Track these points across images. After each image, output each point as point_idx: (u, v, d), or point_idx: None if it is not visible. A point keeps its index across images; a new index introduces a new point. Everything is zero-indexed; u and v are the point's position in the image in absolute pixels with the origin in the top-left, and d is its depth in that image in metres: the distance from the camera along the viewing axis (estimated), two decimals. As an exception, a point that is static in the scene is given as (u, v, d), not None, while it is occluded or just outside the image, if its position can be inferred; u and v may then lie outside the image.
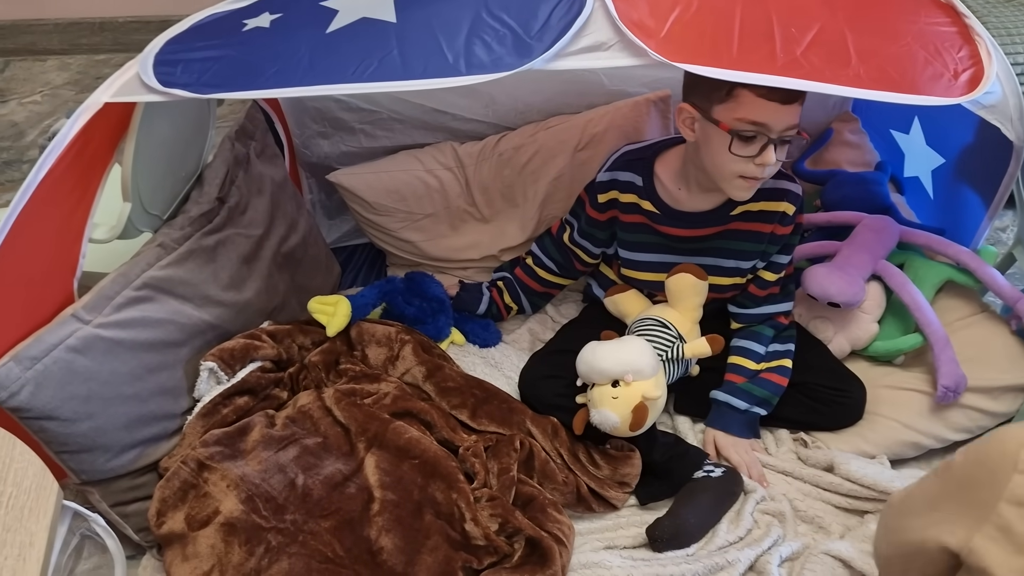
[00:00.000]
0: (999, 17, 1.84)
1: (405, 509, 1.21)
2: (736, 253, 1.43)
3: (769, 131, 1.21)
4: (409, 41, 1.15)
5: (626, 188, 1.43)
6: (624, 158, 1.44)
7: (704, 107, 1.24)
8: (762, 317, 1.47)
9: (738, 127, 1.21)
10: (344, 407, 1.33)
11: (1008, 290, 1.47)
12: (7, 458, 0.89)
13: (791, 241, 1.44)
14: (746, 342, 1.47)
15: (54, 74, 2.78)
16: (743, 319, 1.49)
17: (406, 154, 1.77)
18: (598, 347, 1.36)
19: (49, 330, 1.14)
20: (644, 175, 1.41)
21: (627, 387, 1.31)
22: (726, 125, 1.22)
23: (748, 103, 1.19)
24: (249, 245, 1.47)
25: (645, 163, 1.41)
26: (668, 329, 1.43)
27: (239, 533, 1.16)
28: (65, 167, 1.15)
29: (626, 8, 1.13)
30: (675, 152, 1.40)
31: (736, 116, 1.21)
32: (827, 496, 1.37)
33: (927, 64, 1.22)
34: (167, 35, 1.20)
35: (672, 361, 1.40)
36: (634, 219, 1.44)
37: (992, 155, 1.45)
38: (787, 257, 1.45)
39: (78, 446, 1.16)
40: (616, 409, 1.31)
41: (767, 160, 1.23)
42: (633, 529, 1.33)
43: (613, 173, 1.44)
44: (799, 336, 1.52)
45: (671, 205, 1.41)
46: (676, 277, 1.43)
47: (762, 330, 1.47)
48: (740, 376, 1.45)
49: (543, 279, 1.62)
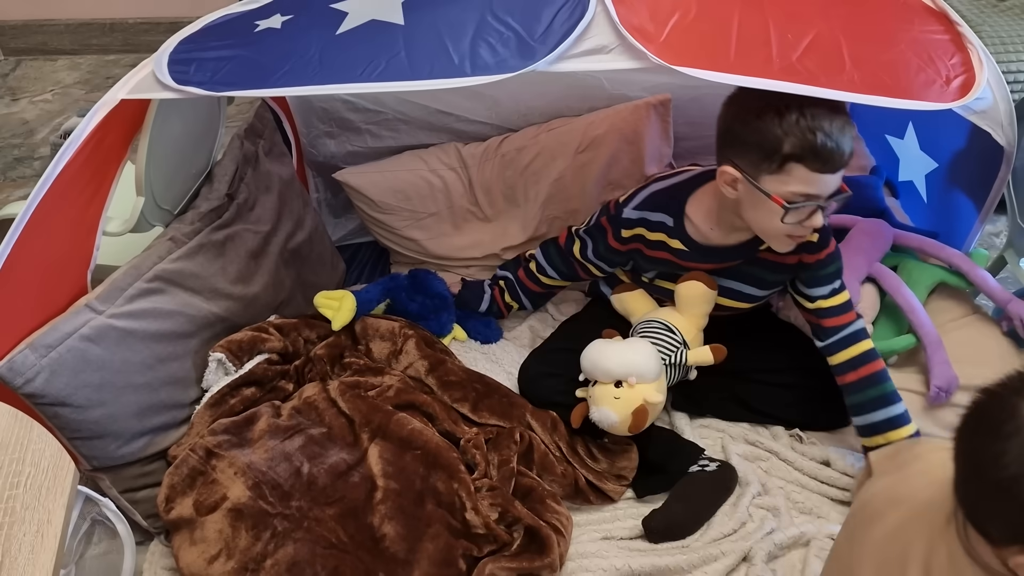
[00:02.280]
0: (993, 26, 1.87)
1: (407, 498, 1.24)
2: (756, 280, 1.42)
3: (819, 199, 1.21)
4: (416, 43, 1.18)
5: (655, 228, 1.39)
6: (655, 198, 1.40)
7: (751, 173, 1.21)
8: (851, 338, 1.37)
9: (790, 199, 1.19)
10: (348, 399, 1.36)
11: (999, 292, 1.50)
12: (25, 439, 0.92)
13: (824, 272, 1.36)
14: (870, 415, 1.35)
15: (64, 73, 2.81)
16: (835, 348, 1.37)
17: (411, 154, 1.81)
18: (605, 346, 1.38)
19: (64, 319, 1.18)
20: (675, 216, 1.37)
21: (630, 389, 1.34)
22: (779, 199, 1.19)
23: (800, 177, 1.17)
24: (257, 241, 1.50)
25: (677, 204, 1.37)
26: (674, 334, 1.44)
27: (246, 519, 1.19)
28: (82, 162, 1.18)
29: (627, 13, 1.16)
30: (708, 193, 1.36)
31: (788, 189, 1.19)
32: (824, 488, 1.40)
33: (920, 70, 1.25)
34: (181, 35, 1.24)
35: (674, 366, 1.42)
36: (659, 255, 1.42)
37: (983, 160, 1.48)
38: (824, 288, 1.37)
39: (90, 432, 1.20)
40: (617, 409, 1.33)
41: (816, 223, 1.23)
42: (630, 521, 1.36)
43: (643, 212, 1.40)
44: (793, 338, 1.55)
45: (700, 242, 1.38)
46: (687, 284, 1.43)
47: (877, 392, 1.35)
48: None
49: (545, 284, 1.63)
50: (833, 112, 1.16)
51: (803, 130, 1.15)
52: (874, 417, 1.34)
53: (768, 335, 1.50)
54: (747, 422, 1.52)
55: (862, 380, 1.35)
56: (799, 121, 1.15)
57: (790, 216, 1.21)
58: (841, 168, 1.20)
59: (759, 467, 1.44)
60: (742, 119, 1.20)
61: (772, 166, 1.18)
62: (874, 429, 1.34)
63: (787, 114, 1.15)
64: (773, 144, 1.17)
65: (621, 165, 1.74)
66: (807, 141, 1.15)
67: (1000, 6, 1.98)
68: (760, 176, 1.20)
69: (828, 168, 1.18)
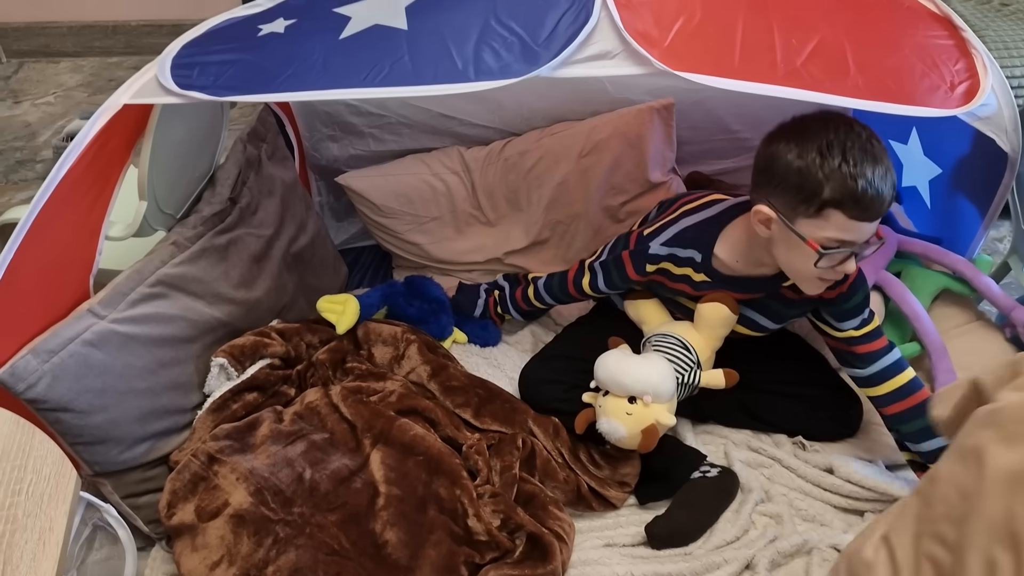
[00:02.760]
0: (997, 31, 1.87)
1: (409, 504, 1.24)
2: (774, 314, 1.39)
3: (855, 246, 1.18)
4: (420, 47, 1.18)
5: (683, 263, 1.36)
6: (686, 234, 1.36)
7: (787, 215, 1.18)
8: (894, 367, 1.34)
9: (826, 244, 1.16)
10: (351, 404, 1.35)
11: (1003, 299, 1.50)
12: (27, 447, 0.91)
13: (848, 305, 1.32)
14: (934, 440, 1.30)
15: (67, 76, 2.82)
16: (878, 379, 1.34)
17: (413, 158, 1.80)
18: (623, 360, 1.36)
19: (66, 324, 1.17)
20: (705, 252, 1.34)
21: (644, 407, 1.32)
22: (815, 244, 1.16)
23: (838, 224, 1.14)
24: (259, 245, 1.50)
25: (708, 240, 1.33)
26: (690, 353, 1.39)
27: (248, 525, 1.19)
28: (84, 167, 1.18)
29: (631, 18, 1.16)
30: (737, 227, 1.32)
31: (825, 235, 1.16)
32: (827, 496, 1.39)
33: (924, 76, 1.24)
34: (184, 39, 1.24)
35: (685, 385, 1.38)
36: (680, 287, 1.40)
37: (988, 166, 1.47)
38: (855, 320, 1.34)
39: (92, 438, 1.19)
40: (627, 425, 1.32)
41: (848, 269, 1.21)
42: (632, 528, 1.36)
43: (672, 249, 1.36)
44: (798, 348, 1.54)
45: (724, 273, 1.35)
46: (710, 305, 1.38)
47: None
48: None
49: (537, 306, 1.64)
50: (876, 159, 1.13)
51: (845, 176, 1.11)
52: (935, 444, 1.29)
53: (773, 345, 1.49)
54: (750, 429, 1.51)
55: (912, 409, 1.31)
56: (841, 167, 1.11)
57: (823, 261, 1.18)
58: (880, 216, 1.17)
59: (762, 474, 1.44)
60: (782, 159, 1.16)
61: (810, 210, 1.15)
62: (932, 457, 1.30)
63: (829, 158, 1.12)
64: (813, 188, 1.13)
65: (624, 169, 1.74)
66: (848, 188, 1.11)
67: (1004, 10, 1.98)
68: (796, 219, 1.17)
69: (867, 216, 1.14)
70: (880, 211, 1.15)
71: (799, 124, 1.18)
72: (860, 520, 1.35)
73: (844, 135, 1.13)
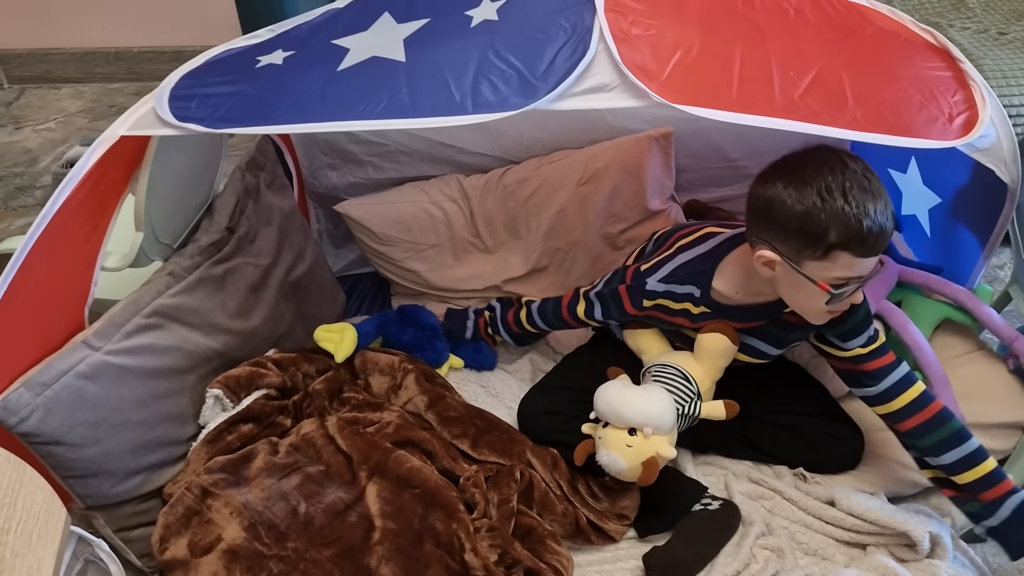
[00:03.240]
0: (995, 60, 1.87)
1: (405, 538, 1.23)
2: (775, 339, 1.38)
3: (861, 280, 1.18)
4: (418, 80, 1.18)
5: (681, 299, 1.36)
6: (683, 270, 1.35)
7: (793, 259, 1.17)
8: (904, 381, 1.32)
9: (835, 283, 1.16)
10: (347, 435, 1.34)
11: (1005, 329, 1.49)
12: (17, 483, 0.90)
13: (852, 324, 1.30)
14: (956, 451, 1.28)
15: (68, 102, 2.82)
16: (891, 394, 1.32)
17: (412, 186, 1.80)
18: (624, 391, 1.35)
19: (60, 356, 1.17)
20: (703, 287, 1.33)
21: (644, 440, 1.31)
22: (825, 285, 1.16)
23: (845, 263, 1.14)
24: (257, 274, 1.49)
25: (706, 275, 1.33)
26: (690, 384, 1.38)
27: (241, 560, 1.17)
28: (81, 198, 1.18)
29: (629, 51, 1.16)
30: (734, 261, 1.32)
31: (833, 275, 1.16)
32: (828, 529, 1.38)
33: (922, 108, 1.24)
34: (182, 70, 1.24)
35: (685, 416, 1.37)
36: (678, 320, 1.39)
37: (987, 196, 1.47)
38: (861, 339, 1.32)
39: (84, 471, 1.18)
40: (627, 457, 1.31)
41: (857, 300, 1.22)
42: (631, 561, 1.34)
43: (669, 286, 1.35)
44: (799, 378, 1.53)
45: (723, 303, 1.34)
46: (710, 336, 1.36)
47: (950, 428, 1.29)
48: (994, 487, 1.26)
49: (529, 331, 1.62)
50: (875, 195, 1.13)
51: (848, 217, 1.10)
52: (960, 453, 1.27)
53: (773, 376, 1.48)
54: (750, 460, 1.50)
55: (928, 422, 1.29)
56: (844, 208, 1.10)
57: (834, 299, 1.18)
58: (884, 248, 1.17)
59: (762, 506, 1.42)
60: (782, 204, 1.14)
61: (816, 253, 1.14)
62: (962, 466, 1.27)
63: (831, 200, 1.11)
64: (818, 232, 1.12)
65: (623, 197, 1.74)
66: (853, 229, 1.11)
67: (1001, 39, 1.98)
68: (802, 262, 1.17)
69: (873, 252, 1.15)
70: (884, 244, 1.15)
71: (793, 165, 1.17)
72: (862, 554, 1.34)
73: (841, 174, 1.12)
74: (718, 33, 1.24)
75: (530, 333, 1.64)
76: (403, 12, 1.28)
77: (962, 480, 1.27)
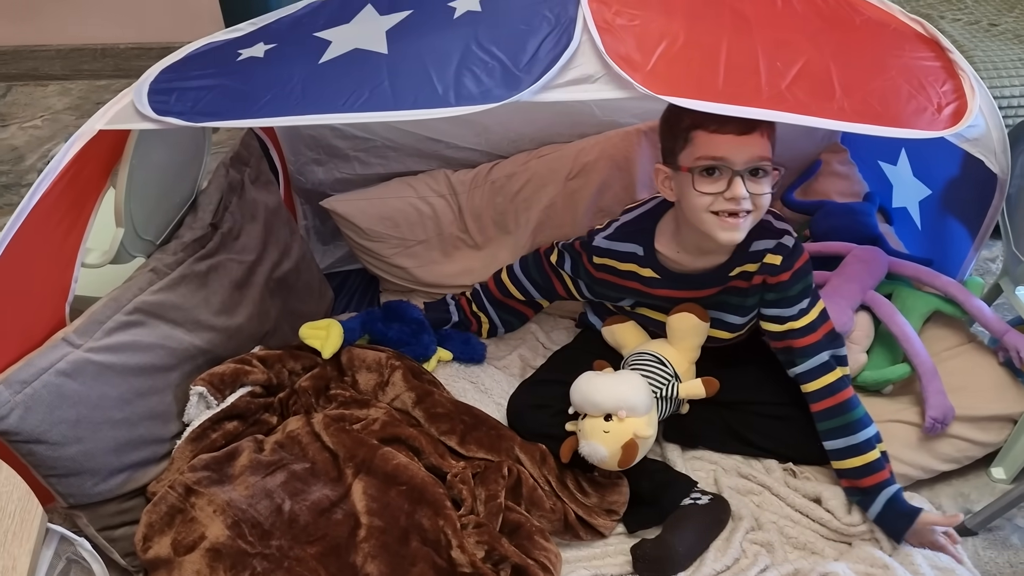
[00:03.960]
0: (986, 51, 1.86)
1: (391, 535, 1.21)
2: (736, 308, 1.41)
3: (731, 164, 1.21)
4: (400, 72, 1.16)
5: (625, 259, 1.41)
6: (624, 228, 1.42)
7: (671, 162, 1.27)
8: (823, 367, 1.36)
9: (698, 164, 1.22)
10: (333, 432, 1.33)
11: (995, 322, 1.48)
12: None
13: (789, 293, 1.35)
14: (845, 439, 1.34)
15: (55, 99, 2.80)
16: (807, 377, 1.37)
17: (399, 181, 1.79)
18: (594, 379, 1.36)
19: (40, 354, 1.15)
20: (645, 244, 1.39)
21: (620, 423, 1.31)
22: (686, 166, 1.23)
23: (703, 141, 1.21)
24: (241, 271, 1.48)
25: (647, 233, 1.39)
26: (665, 367, 1.41)
27: (224, 559, 1.16)
28: (59, 192, 1.16)
29: (613, 42, 1.15)
30: (670, 216, 1.39)
31: (696, 156, 1.22)
32: (815, 526, 1.37)
33: (911, 98, 1.23)
34: (162, 64, 1.22)
35: (665, 399, 1.39)
36: (631, 284, 1.43)
37: (977, 187, 1.46)
38: (792, 309, 1.36)
39: (66, 470, 1.16)
40: (606, 443, 1.31)
41: (736, 193, 1.21)
42: (621, 557, 1.33)
43: (611, 243, 1.42)
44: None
45: (671, 269, 1.39)
46: (678, 316, 1.41)
47: (849, 418, 1.34)
48: (870, 476, 1.33)
49: (512, 294, 1.63)
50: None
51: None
52: (847, 442, 1.34)
53: (760, 366, 1.47)
54: (740, 454, 1.49)
55: (832, 408, 1.35)
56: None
57: (702, 183, 1.23)
58: (750, 133, 1.19)
59: (751, 500, 1.41)
60: (663, 121, 1.29)
61: (680, 142, 1.24)
62: (845, 453, 1.35)
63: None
64: (678, 122, 1.24)
65: (612, 191, 1.73)
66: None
67: (993, 31, 1.97)
68: (677, 159, 1.26)
69: (729, 129, 1.19)
70: (743, 126, 1.18)
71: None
72: (849, 548, 1.33)
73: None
74: (704, 23, 1.23)
75: (514, 300, 1.65)
76: (385, 4, 1.26)
77: (843, 466, 1.35)
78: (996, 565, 1.33)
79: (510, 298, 1.65)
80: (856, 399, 1.36)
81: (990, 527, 1.39)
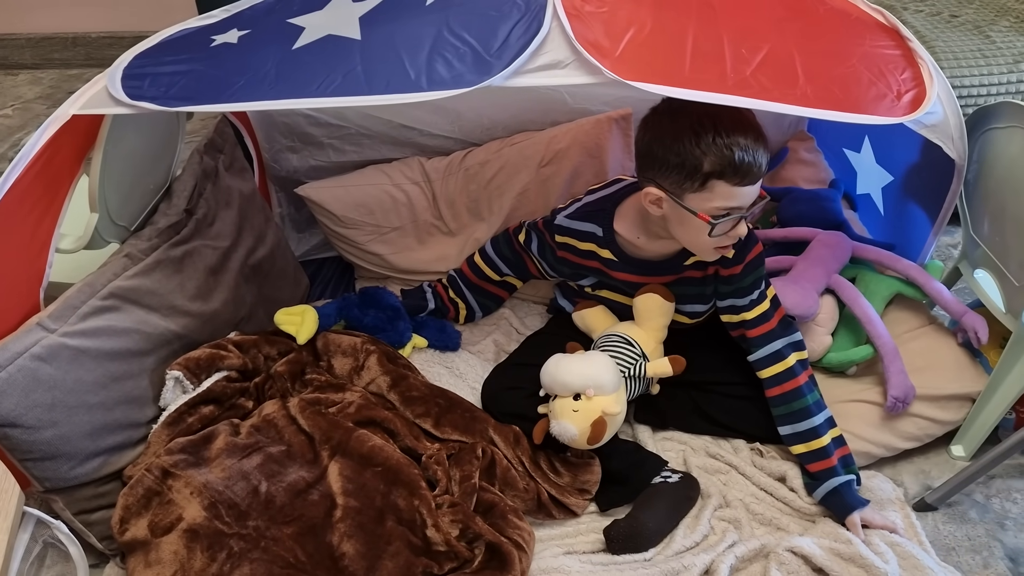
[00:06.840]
0: (946, 41, 1.91)
1: (367, 516, 1.23)
2: (696, 296, 1.47)
3: (742, 211, 1.27)
4: (373, 58, 1.18)
5: (585, 238, 1.46)
6: (584, 209, 1.47)
7: (675, 193, 1.27)
8: (776, 356, 1.41)
9: (715, 213, 1.26)
10: (309, 416, 1.34)
11: (954, 304, 1.52)
12: (-31, 462, 0.90)
13: (742, 284, 1.41)
14: (793, 426, 1.39)
15: (26, 88, 2.78)
16: (761, 364, 1.42)
17: (374, 168, 1.80)
18: (562, 360, 1.39)
19: (14, 338, 1.16)
20: (605, 226, 1.44)
21: (588, 401, 1.34)
22: (705, 216, 1.25)
23: (722, 193, 1.24)
24: (216, 257, 1.49)
25: (606, 215, 1.44)
26: (632, 347, 1.45)
27: (201, 539, 1.17)
28: (32, 178, 1.17)
29: (582, 28, 1.17)
30: (633, 204, 1.42)
31: (712, 205, 1.25)
32: (780, 504, 1.41)
33: (871, 85, 1.27)
34: (136, 50, 1.23)
35: (634, 378, 1.43)
36: (590, 264, 1.48)
37: (936, 173, 1.50)
38: (744, 300, 1.41)
39: (42, 454, 1.17)
40: (575, 422, 1.34)
41: (741, 233, 1.30)
42: (592, 535, 1.36)
43: (571, 223, 1.47)
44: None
45: (629, 252, 1.44)
46: (644, 297, 1.46)
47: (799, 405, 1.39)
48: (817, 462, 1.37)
49: (488, 276, 1.66)
50: (746, 128, 1.23)
51: (720, 148, 1.21)
52: (795, 428, 1.40)
53: (729, 347, 1.51)
54: (709, 435, 1.52)
55: (783, 395, 1.40)
56: (715, 140, 1.21)
57: (716, 230, 1.27)
58: (760, 179, 1.26)
59: (719, 479, 1.45)
60: (661, 142, 1.25)
61: (695, 185, 1.25)
62: (794, 439, 1.40)
63: (703, 134, 1.21)
64: (694, 164, 1.23)
65: (584, 178, 1.75)
66: (725, 158, 1.21)
67: (954, 22, 2.02)
68: (684, 195, 1.27)
69: (748, 181, 1.24)
70: (759, 174, 1.24)
71: (670, 105, 1.26)
72: (813, 525, 1.37)
73: (713, 108, 1.20)
74: (671, 11, 1.26)
75: (489, 283, 1.69)
76: (358, -10, 1.28)
77: (794, 451, 1.41)
78: (955, 539, 1.38)
79: (486, 280, 1.68)
80: (809, 386, 1.40)
81: (949, 502, 1.43)
